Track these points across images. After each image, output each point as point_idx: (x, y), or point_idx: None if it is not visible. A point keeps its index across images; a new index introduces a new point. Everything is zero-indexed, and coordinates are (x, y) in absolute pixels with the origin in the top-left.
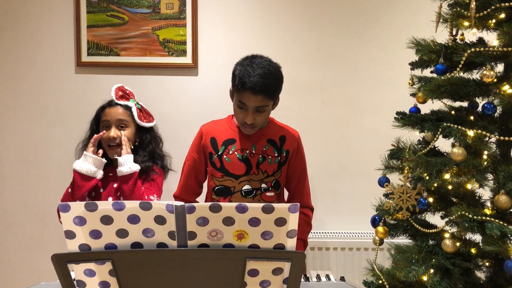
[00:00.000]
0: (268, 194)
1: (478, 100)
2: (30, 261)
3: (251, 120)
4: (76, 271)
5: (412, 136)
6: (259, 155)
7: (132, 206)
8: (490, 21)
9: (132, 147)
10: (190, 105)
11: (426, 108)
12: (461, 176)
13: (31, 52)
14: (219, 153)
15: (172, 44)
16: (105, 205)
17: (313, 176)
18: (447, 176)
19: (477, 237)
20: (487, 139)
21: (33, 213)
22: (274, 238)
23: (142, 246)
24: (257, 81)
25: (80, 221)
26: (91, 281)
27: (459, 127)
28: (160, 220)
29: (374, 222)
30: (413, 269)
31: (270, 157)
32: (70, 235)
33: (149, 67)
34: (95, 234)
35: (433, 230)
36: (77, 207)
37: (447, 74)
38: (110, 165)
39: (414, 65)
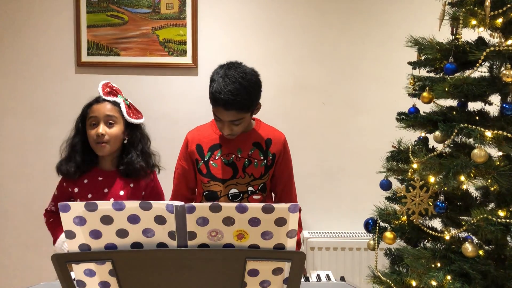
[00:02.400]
0: (254, 197)
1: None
2: (30, 261)
3: (228, 132)
4: (76, 271)
5: (413, 137)
6: (245, 158)
7: (132, 206)
8: (497, 20)
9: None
10: (190, 105)
11: (405, 108)
12: (477, 178)
13: (31, 52)
14: (205, 159)
15: (172, 44)
16: (105, 205)
17: (313, 176)
18: (462, 178)
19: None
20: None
21: (33, 213)
22: (274, 238)
23: (142, 246)
24: (228, 98)
25: (80, 221)
26: (91, 281)
27: (478, 127)
28: (160, 220)
29: (368, 226)
30: (432, 276)
31: (256, 160)
32: (70, 235)
33: (149, 67)
34: (95, 234)
35: (450, 234)
36: (77, 207)
37: (464, 74)
38: (97, 166)
39: (416, 65)
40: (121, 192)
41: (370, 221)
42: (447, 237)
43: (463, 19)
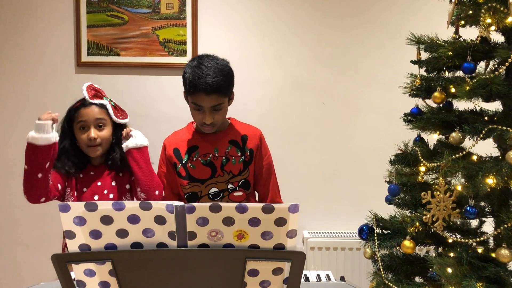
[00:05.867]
0: (235, 194)
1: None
2: (30, 261)
3: (210, 120)
4: (76, 271)
5: (412, 136)
6: (222, 157)
7: (132, 206)
8: (507, 20)
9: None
10: None
11: (405, 108)
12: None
13: (31, 52)
14: (184, 162)
15: (172, 44)
16: (105, 205)
17: (313, 176)
18: (489, 181)
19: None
20: None
21: (33, 213)
22: (274, 238)
23: (142, 246)
24: (208, 81)
25: (80, 221)
26: (91, 281)
27: (509, 129)
28: (160, 220)
29: (362, 233)
30: (466, 285)
31: (233, 157)
32: (70, 235)
33: (149, 67)
34: (95, 234)
35: (476, 239)
36: (77, 207)
37: (490, 73)
38: (90, 163)
39: (422, 64)
40: (113, 183)
41: (365, 227)
42: (450, 240)
43: (483, 16)
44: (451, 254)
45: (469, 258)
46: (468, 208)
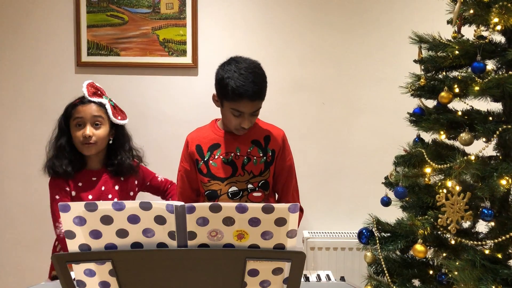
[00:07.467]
0: (255, 194)
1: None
2: (30, 261)
3: (249, 125)
4: (76, 271)
5: (412, 136)
6: (244, 156)
7: (132, 206)
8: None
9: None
10: (190, 105)
11: (405, 108)
12: None
13: (31, 52)
14: (205, 159)
15: (172, 44)
16: (105, 205)
17: (313, 176)
18: (503, 182)
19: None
20: None
21: (33, 213)
22: (274, 238)
23: (142, 246)
24: (255, 89)
25: (80, 221)
26: (91, 281)
27: None
28: (160, 220)
29: (361, 236)
30: (483, 287)
31: (255, 157)
32: (70, 235)
33: (149, 67)
34: (95, 234)
35: (484, 241)
36: (77, 207)
37: (501, 73)
38: (86, 167)
39: (426, 63)
40: (116, 187)
41: (364, 231)
42: (452, 241)
43: (492, 15)
44: (446, 255)
45: (482, 261)
46: (484, 210)
